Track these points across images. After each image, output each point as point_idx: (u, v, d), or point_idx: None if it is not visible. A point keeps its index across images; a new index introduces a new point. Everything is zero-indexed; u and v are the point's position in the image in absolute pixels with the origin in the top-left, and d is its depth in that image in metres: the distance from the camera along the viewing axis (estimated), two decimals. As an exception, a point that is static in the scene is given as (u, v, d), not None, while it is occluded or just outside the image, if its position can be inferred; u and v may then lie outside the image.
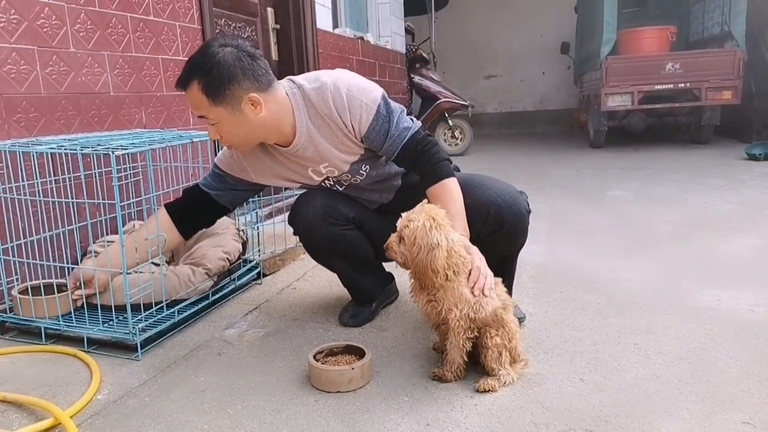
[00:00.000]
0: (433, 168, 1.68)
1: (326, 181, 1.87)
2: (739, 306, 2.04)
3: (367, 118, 1.66)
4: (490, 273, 1.55)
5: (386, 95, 1.72)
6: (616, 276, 2.43)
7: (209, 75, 1.53)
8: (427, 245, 1.44)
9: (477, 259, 1.55)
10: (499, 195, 1.72)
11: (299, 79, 1.72)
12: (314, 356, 1.63)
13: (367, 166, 1.82)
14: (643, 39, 7.26)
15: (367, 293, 2.08)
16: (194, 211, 1.90)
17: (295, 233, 1.97)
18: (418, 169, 1.72)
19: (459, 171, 1.85)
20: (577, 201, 4.12)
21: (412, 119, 1.74)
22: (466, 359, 1.55)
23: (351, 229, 1.90)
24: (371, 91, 1.68)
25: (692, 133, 7.35)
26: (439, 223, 1.48)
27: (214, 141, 2.80)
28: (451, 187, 1.67)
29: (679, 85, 6.65)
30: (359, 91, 1.66)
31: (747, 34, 6.51)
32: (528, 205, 1.80)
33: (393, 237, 1.53)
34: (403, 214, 1.54)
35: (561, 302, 2.16)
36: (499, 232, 1.72)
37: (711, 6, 7.47)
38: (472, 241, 1.61)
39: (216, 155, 1.94)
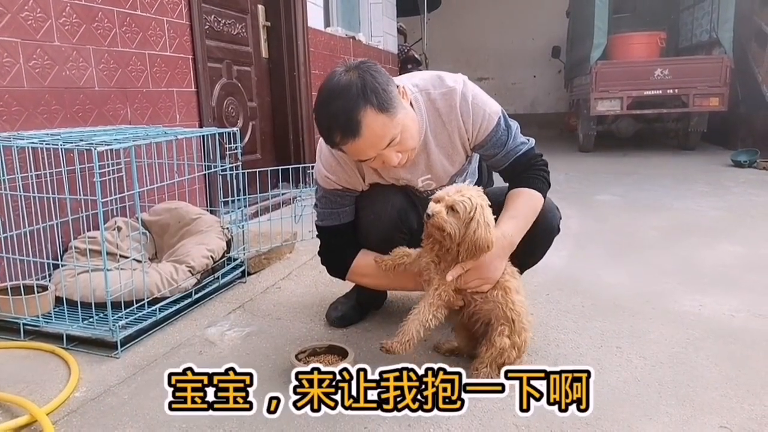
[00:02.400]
0: (531, 178, 1.67)
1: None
2: (720, 311, 2.06)
3: (487, 128, 1.66)
4: (489, 278, 1.55)
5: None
6: (601, 280, 2.44)
7: (375, 94, 1.42)
8: (485, 223, 1.45)
9: (494, 259, 1.53)
10: None
11: (423, 83, 1.67)
12: (296, 356, 1.62)
13: (459, 179, 1.80)
14: (633, 44, 7.32)
15: (374, 297, 2.07)
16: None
17: (362, 220, 1.83)
18: (517, 175, 1.70)
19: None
20: (566, 205, 4.11)
21: (527, 138, 1.74)
22: (421, 335, 1.50)
23: (406, 239, 1.84)
24: (493, 104, 1.69)
25: (680, 138, 7.42)
26: (488, 205, 1.49)
27: (201, 137, 2.79)
28: (533, 197, 1.65)
29: (668, 91, 6.71)
30: (483, 101, 1.66)
31: (734, 41, 6.59)
32: (559, 224, 1.81)
33: (441, 209, 1.45)
34: (449, 188, 1.50)
35: (546, 304, 2.16)
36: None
37: (700, 13, 7.54)
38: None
39: (203, 153, 1.89)
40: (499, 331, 1.54)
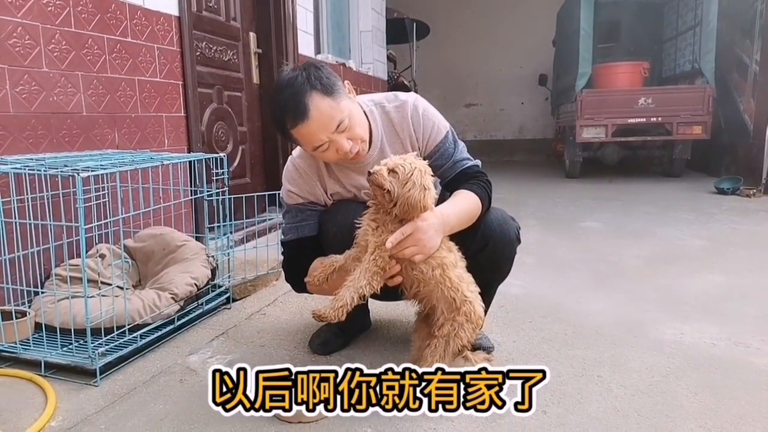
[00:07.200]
0: (473, 185, 1.73)
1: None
2: (701, 340, 2.07)
3: (436, 138, 1.78)
4: (424, 247, 1.53)
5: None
6: (584, 307, 2.45)
7: (319, 81, 1.57)
8: (421, 185, 1.52)
9: (429, 229, 1.53)
10: (491, 214, 1.79)
11: (379, 98, 1.82)
12: (277, 385, 1.61)
13: None
14: (617, 74, 7.48)
15: (354, 322, 2.05)
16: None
17: (326, 234, 1.84)
18: (461, 183, 1.75)
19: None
20: (551, 232, 4.17)
21: (475, 158, 1.83)
22: (355, 302, 1.49)
23: None
24: (442, 120, 1.82)
25: (664, 166, 7.54)
26: (429, 173, 1.56)
27: (189, 163, 2.80)
28: (472, 197, 1.70)
29: (652, 119, 6.85)
30: (433, 114, 1.80)
31: (716, 72, 6.75)
32: (518, 234, 1.84)
33: (382, 168, 1.53)
34: (393, 156, 1.59)
35: (529, 332, 2.17)
36: (483, 252, 1.75)
37: (683, 44, 7.74)
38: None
39: (190, 178, 1.90)
40: (438, 324, 1.58)
